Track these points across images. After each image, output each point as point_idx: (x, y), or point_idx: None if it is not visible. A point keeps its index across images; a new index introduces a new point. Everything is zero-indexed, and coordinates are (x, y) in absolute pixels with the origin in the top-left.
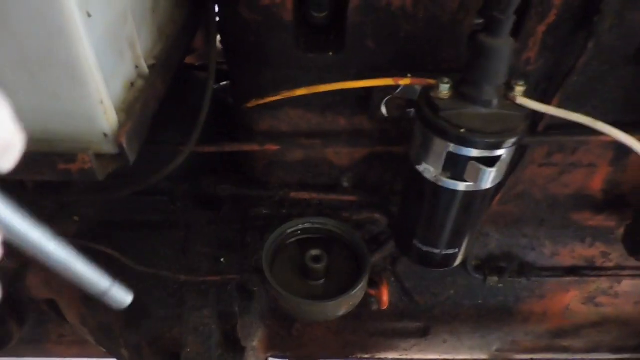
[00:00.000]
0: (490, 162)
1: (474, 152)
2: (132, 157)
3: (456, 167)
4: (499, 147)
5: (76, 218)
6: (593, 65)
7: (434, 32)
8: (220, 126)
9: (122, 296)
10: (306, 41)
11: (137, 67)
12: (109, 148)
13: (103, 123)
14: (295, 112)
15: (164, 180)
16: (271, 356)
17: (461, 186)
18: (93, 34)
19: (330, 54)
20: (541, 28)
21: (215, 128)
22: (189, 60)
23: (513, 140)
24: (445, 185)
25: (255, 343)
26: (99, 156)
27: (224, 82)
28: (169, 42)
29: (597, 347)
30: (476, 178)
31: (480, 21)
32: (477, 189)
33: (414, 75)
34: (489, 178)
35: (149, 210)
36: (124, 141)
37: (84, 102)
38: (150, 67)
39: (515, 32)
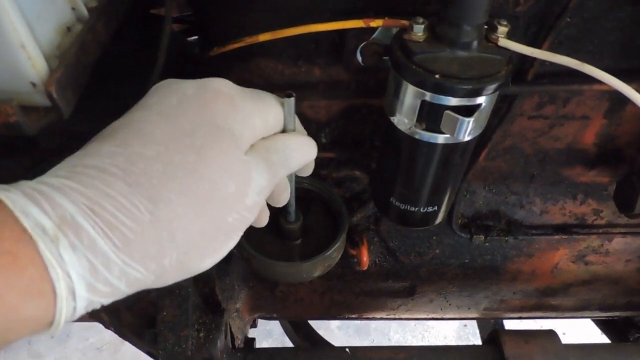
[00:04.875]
0: (468, 111)
1: (450, 101)
2: (66, 109)
3: (432, 117)
4: (477, 94)
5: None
6: (589, 5)
7: None
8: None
9: None
10: None
11: (74, 9)
12: (39, 99)
13: (28, 70)
14: (266, 62)
15: None
16: (259, 317)
17: (438, 139)
18: None
19: None
20: None
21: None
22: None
23: (494, 86)
24: (421, 138)
25: (239, 305)
26: (28, 108)
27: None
28: None
29: (587, 305)
30: (453, 130)
31: None
32: (455, 142)
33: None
34: (467, 129)
35: None
36: (53, 90)
37: (2, 47)
38: (91, 9)
39: None
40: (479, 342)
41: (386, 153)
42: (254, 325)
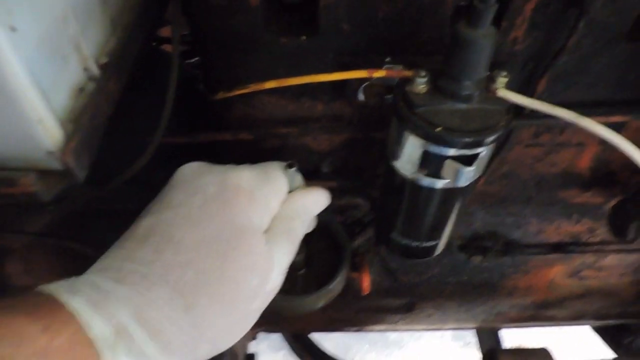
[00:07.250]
0: (469, 160)
1: (451, 152)
2: (81, 174)
3: (433, 165)
4: (477, 145)
5: (50, 207)
6: (585, 43)
7: (414, 13)
8: (193, 110)
9: None
10: (277, 25)
11: (85, 69)
12: (55, 164)
13: (45, 141)
14: (269, 99)
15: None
16: (260, 331)
17: (439, 184)
18: (22, 49)
19: (304, 38)
20: (529, 5)
21: (188, 112)
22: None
23: (493, 137)
24: (422, 183)
25: None
26: (43, 173)
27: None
28: (124, 34)
29: (582, 315)
30: (454, 176)
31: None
32: (455, 186)
33: (392, 61)
34: (467, 176)
35: (124, 199)
36: (70, 160)
37: (20, 124)
38: (102, 66)
39: (501, 10)
40: (474, 339)
41: (387, 192)
42: (253, 338)
